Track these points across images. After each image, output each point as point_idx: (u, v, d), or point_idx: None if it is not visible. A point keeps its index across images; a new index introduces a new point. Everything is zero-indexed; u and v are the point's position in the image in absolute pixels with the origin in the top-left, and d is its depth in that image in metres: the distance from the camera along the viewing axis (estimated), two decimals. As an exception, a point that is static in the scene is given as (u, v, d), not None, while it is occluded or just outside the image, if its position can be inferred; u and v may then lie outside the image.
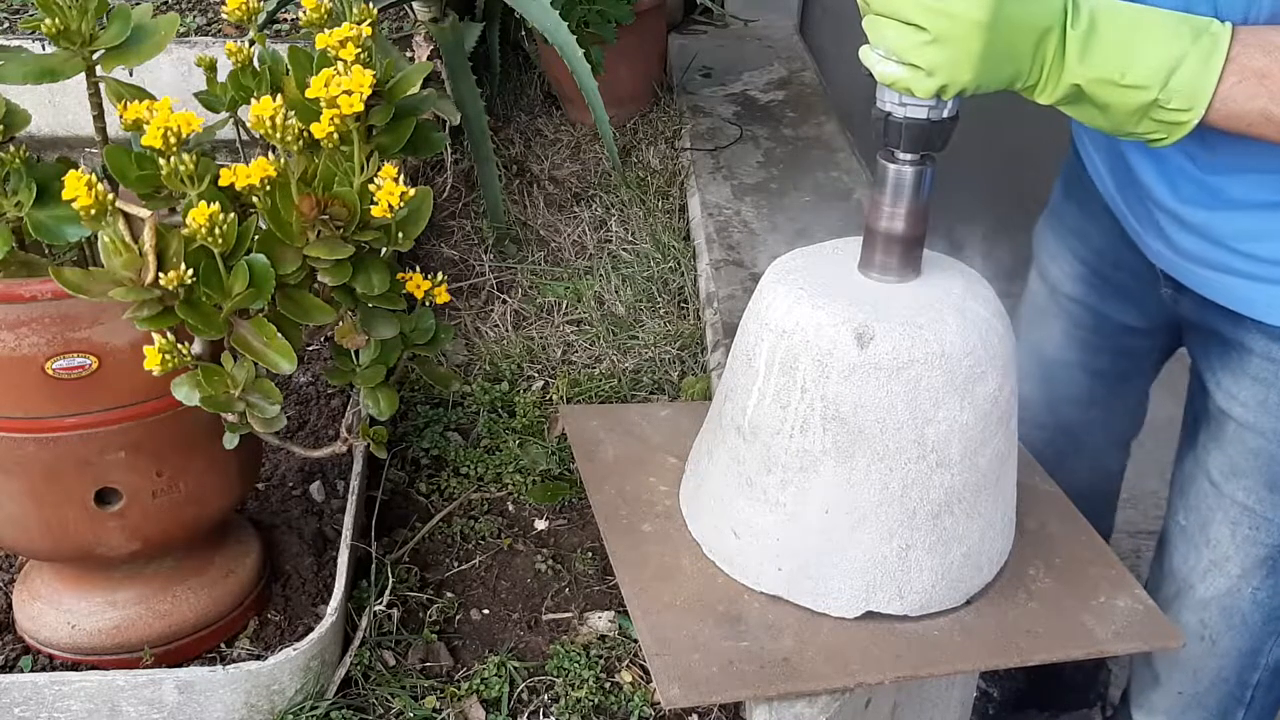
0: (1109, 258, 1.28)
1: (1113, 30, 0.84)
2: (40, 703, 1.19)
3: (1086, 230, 1.30)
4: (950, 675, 1.06)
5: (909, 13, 0.83)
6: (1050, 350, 1.40)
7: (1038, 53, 0.85)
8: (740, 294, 2.09)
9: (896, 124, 0.90)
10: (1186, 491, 1.22)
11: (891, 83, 0.87)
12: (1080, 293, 1.34)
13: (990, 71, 0.85)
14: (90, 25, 1.04)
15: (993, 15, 0.81)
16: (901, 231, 0.96)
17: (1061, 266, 1.35)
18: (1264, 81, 0.83)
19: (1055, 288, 1.37)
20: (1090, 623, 1.02)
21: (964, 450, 0.96)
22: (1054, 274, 1.37)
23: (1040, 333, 1.40)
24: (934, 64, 0.84)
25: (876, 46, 0.87)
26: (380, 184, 0.96)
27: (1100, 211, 1.26)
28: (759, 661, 0.97)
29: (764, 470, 0.99)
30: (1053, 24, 0.84)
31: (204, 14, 3.09)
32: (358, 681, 1.32)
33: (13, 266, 1.05)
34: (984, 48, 0.83)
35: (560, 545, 1.58)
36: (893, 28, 0.85)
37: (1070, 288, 1.35)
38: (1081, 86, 0.85)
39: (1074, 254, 1.33)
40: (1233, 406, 1.13)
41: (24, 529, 1.18)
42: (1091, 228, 1.29)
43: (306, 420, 1.74)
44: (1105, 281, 1.30)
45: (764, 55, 3.30)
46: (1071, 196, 1.32)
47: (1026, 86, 0.87)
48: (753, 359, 0.99)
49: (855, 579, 0.99)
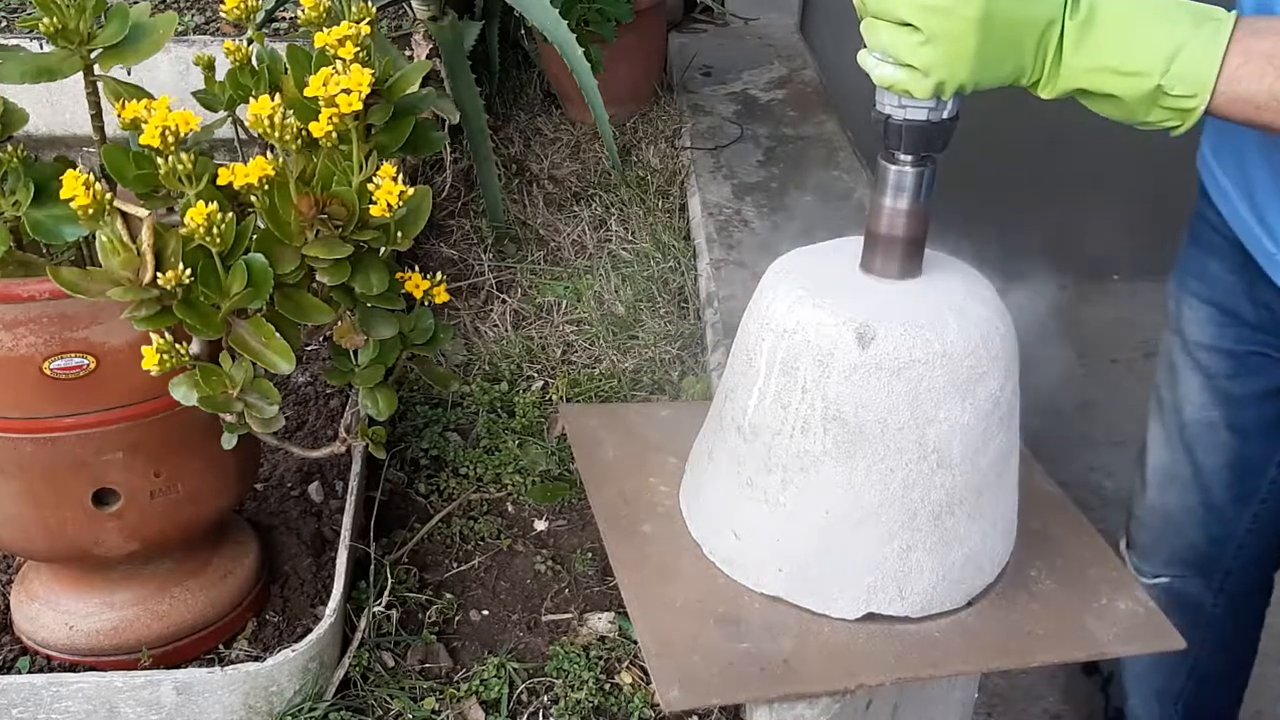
0: (1243, 292, 1.21)
1: (1111, 19, 0.84)
2: (38, 704, 1.19)
3: (1209, 270, 1.24)
4: (952, 677, 1.05)
5: (903, 13, 0.83)
6: (1190, 412, 1.31)
7: (1040, 47, 0.84)
8: (740, 294, 2.08)
9: (897, 126, 0.90)
10: None
11: (889, 85, 0.87)
12: (1211, 336, 1.26)
13: (988, 68, 0.84)
14: (88, 24, 1.04)
15: (985, 11, 0.81)
16: (902, 233, 0.95)
17: (1191, 318, 1.28)
18: (1271, 61, 0.82)
19: (1187, 339, 1.29)
20: (1092, 624, 1.02)
21: (965, 451, 0.96)
22: (1187, 327, 1.29)
23: (1179, 395, 1.31)
24: (929, 63, 0.83)
25: (873, 49, 0.87)
26: (379, 183, 0.95)
27: (1225, 247, 1.20)
28: (759, 663, 0.96)
29: (764, 471, 0.99)
30: (1054, 17, 0.84)
31: (202, 13, 3.08)
32: (356, 683, 1.32)
33: (10, 266, 1.05)
34: (979, 44, 0.82)
35: (560, 546, 1.58)
36: (887, 29, 0.84)
37: (1199, 333, 1.27)
38: (1082, 77, 0.85)
39: (1198, 297, 1.26)
40: None
41: (21, 529, 1.17)
42: (1216, 265, 1.23)
43: (305, 420, 1.74)
44: (1238, 319, 1.23)
45: (764, 54, 3.29)
46: (1194, 239, 1.27)
47: (1031, 82, 0.86)
48: (753, 359, 0.99)
49: (856, 580, 0.99)
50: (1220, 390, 1.27)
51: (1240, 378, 1.25)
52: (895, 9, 0.83)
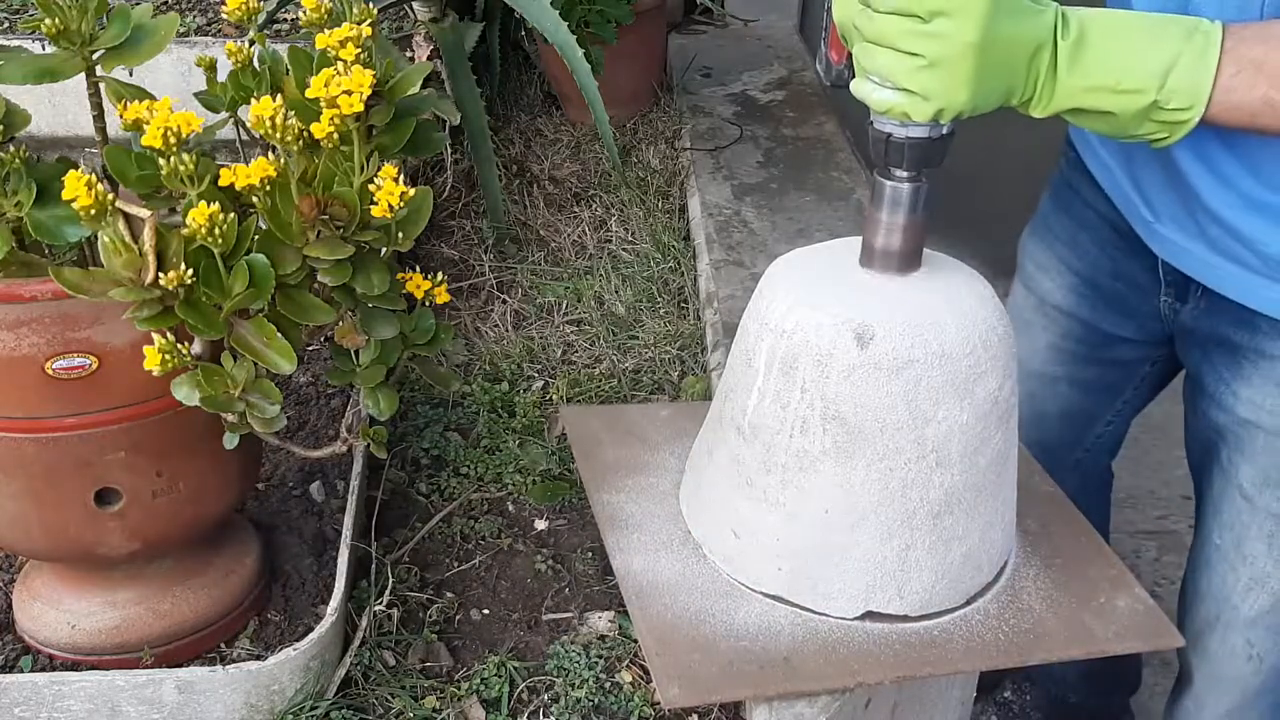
0: (1105, 268, 1.26)
1: (1102, 38, 0.84)
2: (40, 703, 1.19)
3: (1079, 240, 1.28)
4: (950, 675, 1.06)
5: (901, 39, 0.82)
6: (1035, 364, 1.37)
7: (1031, 68, 0.84)
8: (740, 294, 2.09)
9: (899, 144, 0.89)
10: (1220, 509, 1.19)
11: (887, 110, 0.86)
12: (1071, 304, 1.31)
13: (986, 92, 0.84)
14: (90, 25, 1.04)
15: (984, 36, 0.80)
16: (899, 247, 0.96)
17: (1052, 278, 1.33)
18: (1262, 69, 0.83)
19: (1043, 299, 1.34)
20: (1090, 622, 1.02)
21: (964, 450, 0.96)
22: (1043, 286, 1.34)
23: (1025, 346, 1.36)
24: (929, 88, 0.83)
25: (870, 74, 0.86)
26: (380, 184, 0.96)
27: (1096, 221, 1.24)
28: (759, 661, 0.96)
29: (764, 470, 0.99)
30: (1045, 39, 0.83)
31: (204, 14, 3.09)
32: (358, 681, 1.32)
33: (13, 266, 1.05)
34: (977, 69, 0.82)
35: (560, 545, 1.58)
36: (885, 54, 0.83)
37: (1060, 299, 1.32)
38: (1078, 96, 0.85)
39: (1065, 264, 1.31)
40: (1260, 416, 1.11)
41: (24, 529, 1.18)
42: (1085, 237, 1.27)
43: (306, 420, 1.74)
44: (1098, 291, 1.28)
45: (764, 55, 3.30)
46: (1062, 207, 1.30)
47: (1022, 101, 0.86)
48: (752, 359, 0.99)
49: (855, 579, 0.99)
50: (1068, 351, 1.33)
51: (1089, 344, 1.31)
52: (894, 35, 0.82)
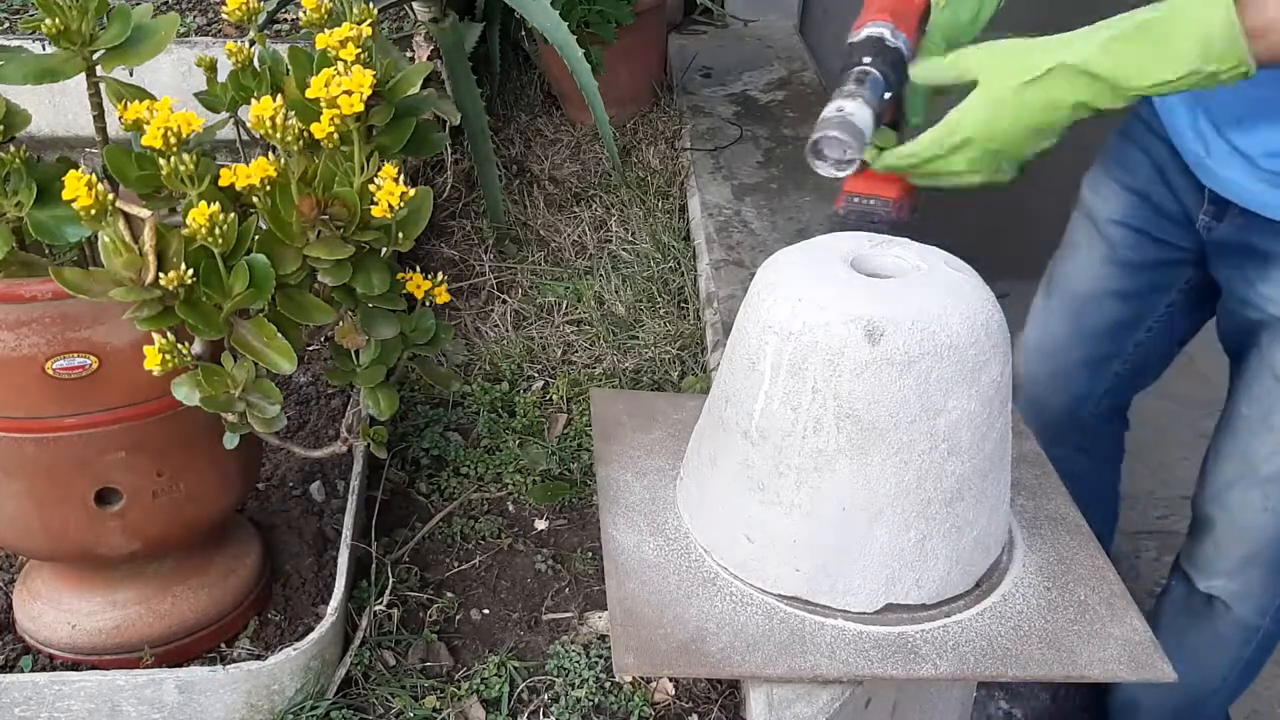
0: (1158, 182, 1.35)
1: (1132, 47, 0.93)
2: (40, 702, 1.19)
3: (1135, 162, 1.38)
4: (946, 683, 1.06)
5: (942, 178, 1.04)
6: (1083, 285, 1.47)
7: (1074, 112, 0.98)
8: (740, 294, 2.08)
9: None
10: (1251, 385, 1.30)
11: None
12: (1123, 214, 1.41)
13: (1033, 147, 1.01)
14: (90, 25, 1.04)
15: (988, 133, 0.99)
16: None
17: (1106, 199, 1.42)
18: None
19: (1098, 219, 1.44)
20: (1080, 643, 1.01)
21: (973, 437, 0.97)
22: (1098, 208, 1.44)
23: (1075, 270, 1.48)
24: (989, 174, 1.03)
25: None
26: (380, 184, 0.96)
27: (1153, 142, 1.33)
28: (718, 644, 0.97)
29: (776, 473, 0.99)
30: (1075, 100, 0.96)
31: (204, 14, 3.09)
32: (358, 681, 1.32)
33: (13, 266, 1.05)
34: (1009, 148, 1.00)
35: (560, 545, 1.58)
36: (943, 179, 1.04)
37: (1112, 210, 1.42)
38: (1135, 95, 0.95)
39: (1120, 183, 1.40)
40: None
41: (24, 529, 1.18)
42: (1141, 158, 1.37)
43: (306, 420, 1.75)
44: (1147, 202, 1.37)
45: (764, 55, 3.30)
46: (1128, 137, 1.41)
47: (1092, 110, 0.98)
48: (756, 363, 0.99)
49: (875, 573, 0.99)
50: (1119, 261, 1.42)
51: (1139, 249, 1.40)
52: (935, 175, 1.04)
